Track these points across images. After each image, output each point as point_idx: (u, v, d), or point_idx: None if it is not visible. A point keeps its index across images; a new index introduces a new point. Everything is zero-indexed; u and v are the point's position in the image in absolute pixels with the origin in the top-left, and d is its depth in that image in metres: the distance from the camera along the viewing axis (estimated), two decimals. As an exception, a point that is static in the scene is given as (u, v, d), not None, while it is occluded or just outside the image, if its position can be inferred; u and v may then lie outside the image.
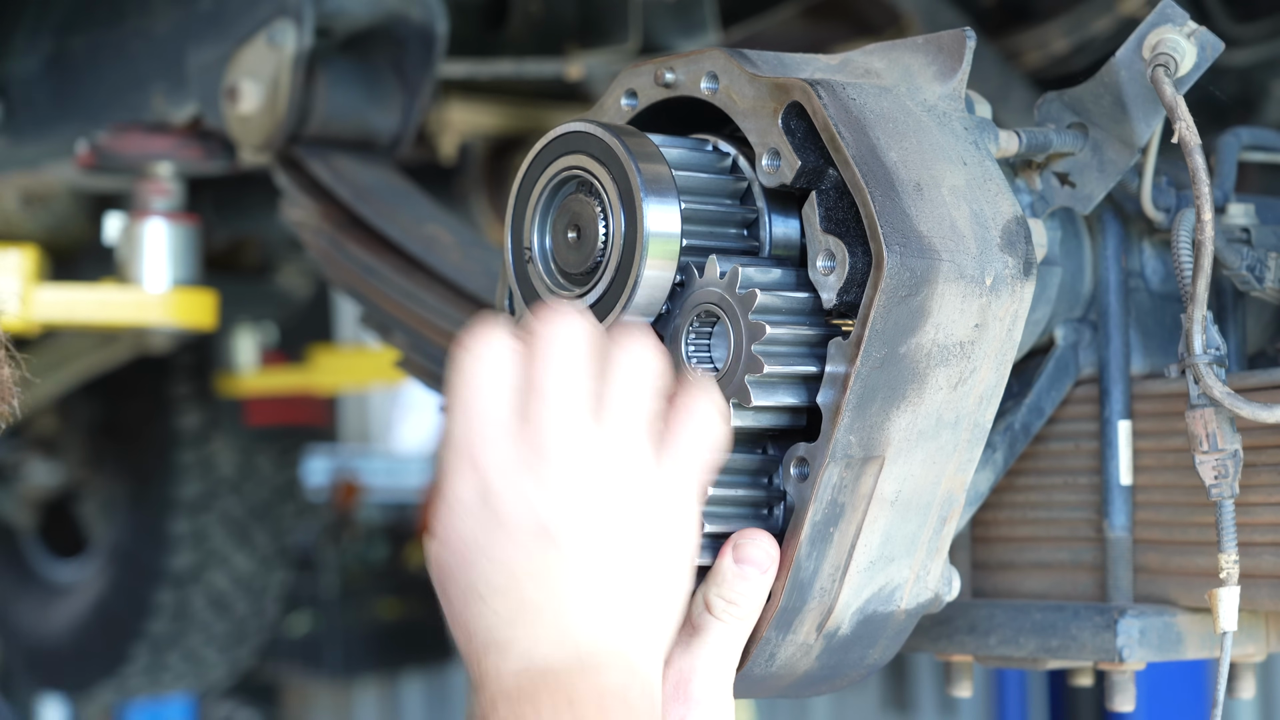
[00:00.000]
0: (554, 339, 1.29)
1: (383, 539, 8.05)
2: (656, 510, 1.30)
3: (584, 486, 1.27)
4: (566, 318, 1.30)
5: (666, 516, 1.31)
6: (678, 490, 1.31)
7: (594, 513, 1.27)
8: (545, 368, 1.28)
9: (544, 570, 1.26)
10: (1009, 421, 1.69)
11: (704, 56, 1.48)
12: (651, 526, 1.30)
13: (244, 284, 4.58)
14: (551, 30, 3.03)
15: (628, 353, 1.30)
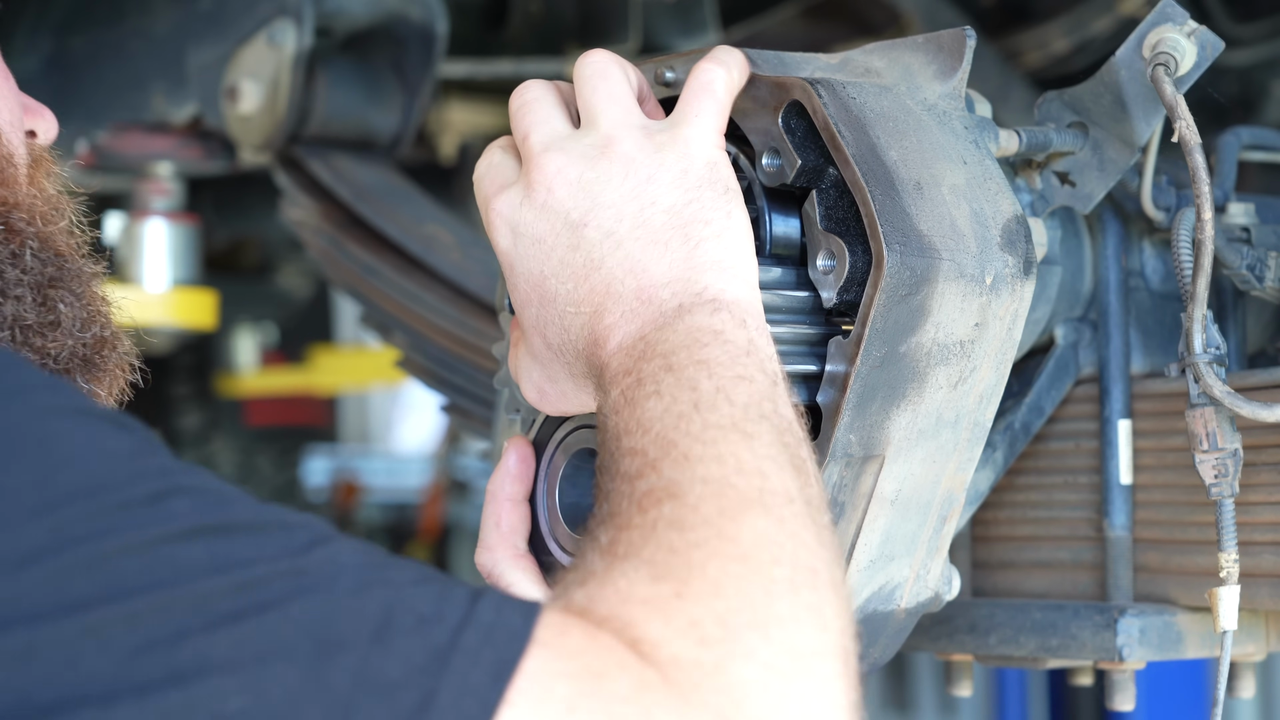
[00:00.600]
0: (517, 99, 1.37)
1: (383, 539, 8.04)
2: (671, 159, 1.32)
3: (584, 173, 1.32)
4: (528, 83, 1.39)
5: (684, 160, 1.33)
6: (690, 136, 1.34)
7: (605, 186, 1.31)
8: (518, 120, 1.36)
9: (596, 255, 1.30)
10: (1009, 420, 1.69)
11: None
12: (672, 174, 1.32)
13: (244, 284, 4.58)
14: (551, 30, 3.03)
15: (583, 63, 1.37)
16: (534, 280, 1.33)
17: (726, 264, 1.31)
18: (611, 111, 1.35)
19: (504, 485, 1.46)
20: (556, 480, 1.47)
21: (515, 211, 1.33)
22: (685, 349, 1.25)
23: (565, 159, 1.32)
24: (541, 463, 1.47)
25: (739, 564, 1.12)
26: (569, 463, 1.47)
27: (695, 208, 1.32)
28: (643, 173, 1.32)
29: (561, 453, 1.47)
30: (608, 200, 1.31)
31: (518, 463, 1.46)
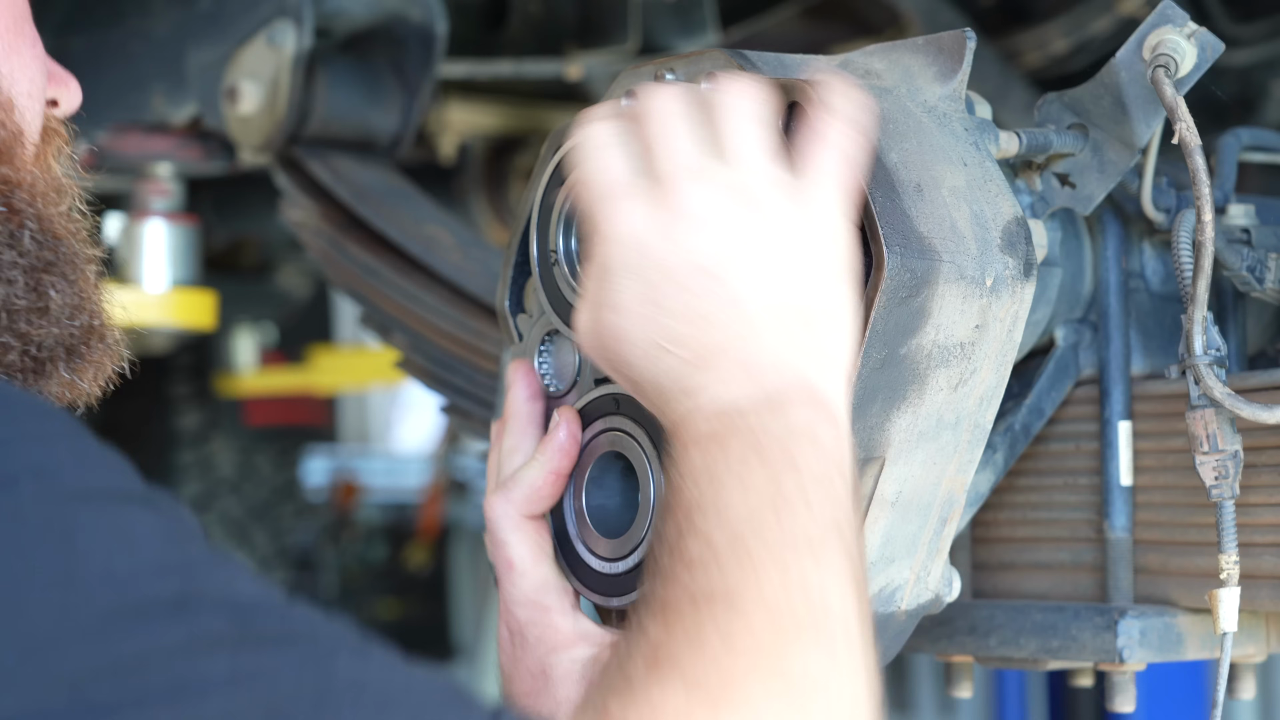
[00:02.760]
0: (653, 103, 1.30)
1: (382, 539, 8.05)
2: (808, 231, 1.28)
3: (729, 221, 1.26)
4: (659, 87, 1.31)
5: (819, 236, 1.29)
6: (825, 208, 1.29)
7: (747, 243, 1.26)
8: (655, 127, 1.29)
9: (718, 309, 1.25)
10: (1009, 422, 1.69)
11: (704, 57, 1.48)
12: (807, 248, 1.27)
13: (244, 284, 4.58)
14: (551, 31, 3.02)
15: (728, 92, 1.30)
16: (640, 297, 1.27)
17: (835, 359, 1.28)
18: (759, 157, 1.29)
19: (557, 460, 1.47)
20: (583, 483, 1.48)
21: (642, 227, 1.26)
22: (778, 441, 1.21)
23: (712, 196, 1.26)
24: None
25: (782, 697, 1.10)
26: (595, 465, 1.48)
27: (824, 294, 1.27)
28: (784, 240, 1.26)
29: (588, 455, 1.48)
30: (744, 258, 1.26)
31: (570, 438, 1.47)
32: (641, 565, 1.44)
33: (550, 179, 1.51)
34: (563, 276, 1.50)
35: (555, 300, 1.51)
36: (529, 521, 1.47)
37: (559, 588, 1.47)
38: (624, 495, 1.49)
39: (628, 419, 1.46)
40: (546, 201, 1.52)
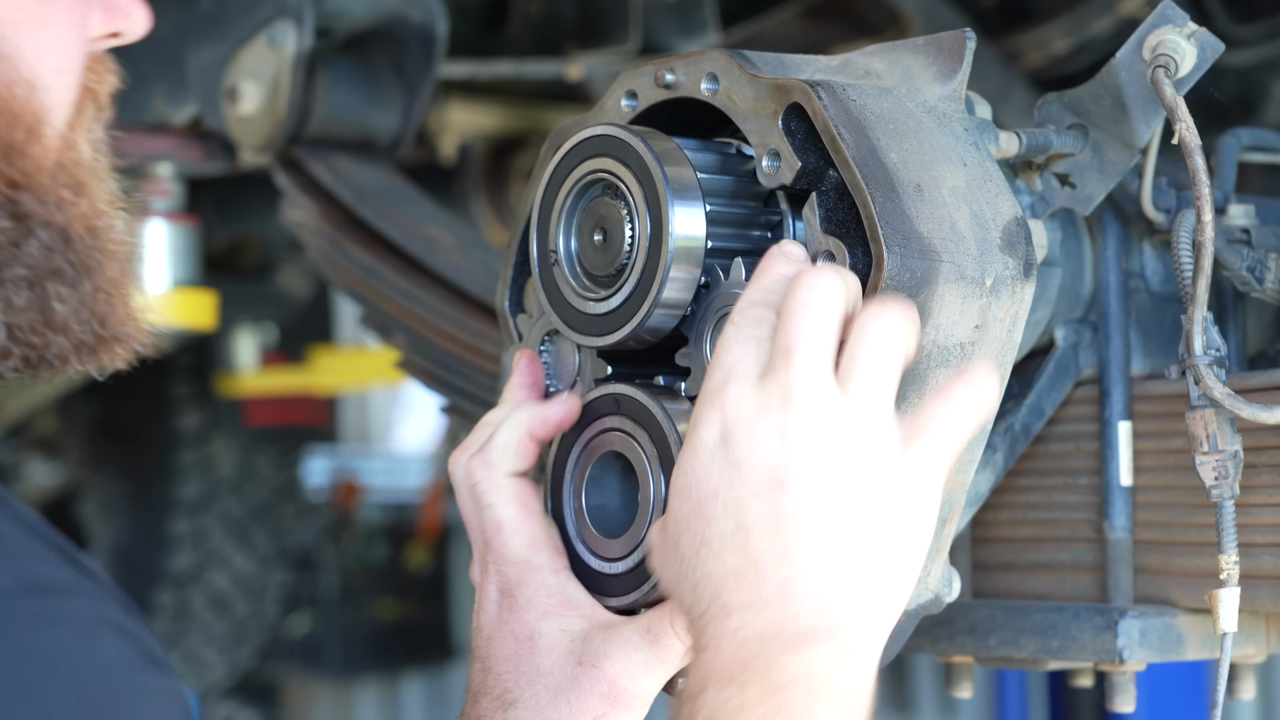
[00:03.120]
0: (809, 298, 1.26)
1: (383, 539, 8.05)
2: (894, 487, 1.25)
3: (822, 443, 1.23)
4: (824, 277, 1.27)
5: (905, 497, 1.25)
6: (922, 474, 1.26)
7: (830, 470, 1.23)
8: (797, 327, 1.26)
9: (774, 520, 1.22)
10: (1009, 422, 1.69)
11: (704, 57, 1.48)
12: (887, 502, 1.24)
13: (244, 284, 4.58)
14: (551, 31, 3.03)
15: (883, 322, 1.27)
16: (707, 491, 1.25)
17: (878, 611, 1.24)
18: (879, 401, 1.25)
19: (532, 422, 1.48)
20: (583, 483, 1.48)
21: (739, 424, 1.24)
22: (800, 693, 1.19)
23: (815, 417, 1.23)
24: (567, 466, 1.49)
25: None
26: (595, 465, 1.48)
27: (890, 546, 1.24)
28: (867, 483, 1.23)
29: (587, 455, 1.48)
30: (819, 486, 1.22)
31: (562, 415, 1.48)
32: (641, 565, 1.44)
33: (550, 179, 1.51)
34: (562, 276, 1.50)
35: (555, 300, 1.51)
36: (512, 480, 1.46)
37: (551, 546, 1.46)
38: (624, 495, 1.49)
39: (628, 419, 1.46)
40: (546, 201, 1.52)
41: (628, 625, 1.42)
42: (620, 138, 1.45)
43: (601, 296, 1.47)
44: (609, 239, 1.46)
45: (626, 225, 1.44)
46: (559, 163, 1.51)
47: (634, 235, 1.44)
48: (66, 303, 1.23)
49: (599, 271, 1.48)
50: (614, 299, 1.46)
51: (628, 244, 1.44)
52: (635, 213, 1.44)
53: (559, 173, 1.50)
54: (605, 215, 1.47)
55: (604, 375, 1.52)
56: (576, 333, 1.49)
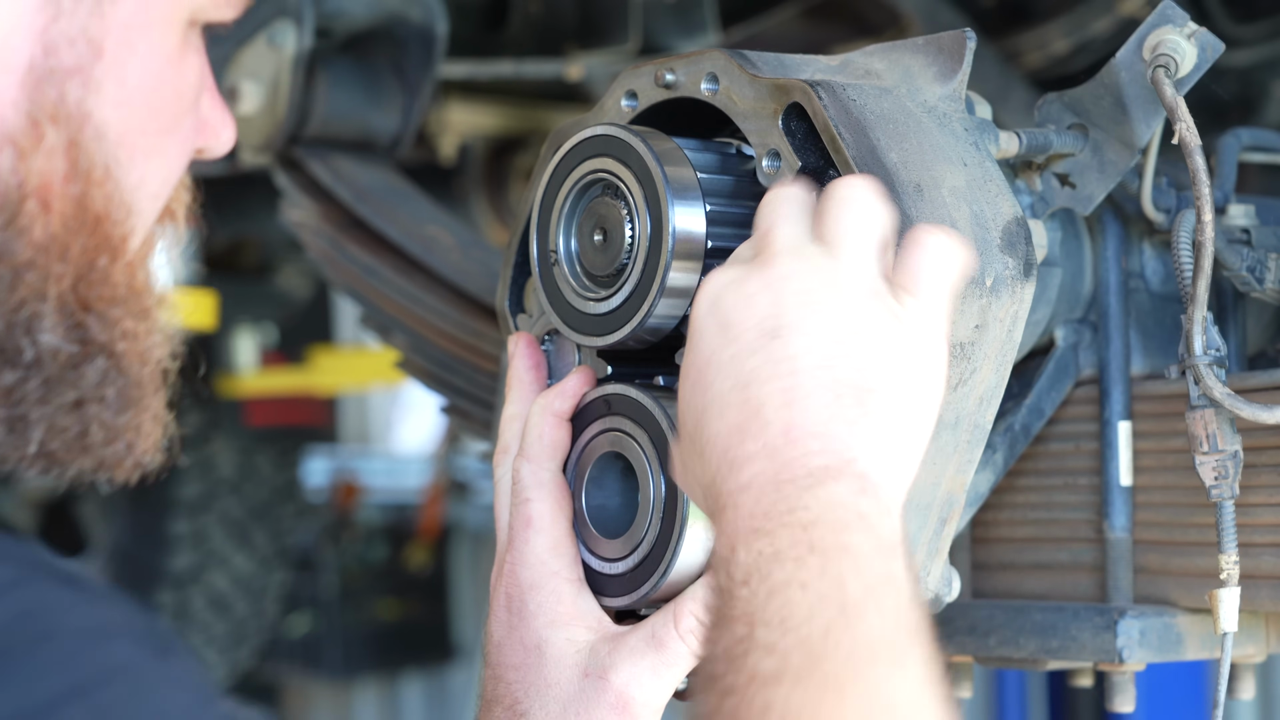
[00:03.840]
0: (778, 196, 1.28)
1: (382, 539, 8.05)
2: (892, 327, 1.23)
3: (812, 290, 1.22)
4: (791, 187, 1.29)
5: (905, 336, 1.23)
6: (922, 317, 1.25)
7: (823, 313, 1.22)
8: (771, 212, 1.27)
9: (771, 368, 1.20)
10: (1009, 422, 1.69)
11: (704, 57, 1.48)
12: (886, 340, 1.23)
13: (244, 284, 4.58)
14: (551, 31, 3.03)
15: (849, 190, 1.27)
16: (701, 362, 1.24)
17: (889, 446, 1.21)
18: (861, 254, 1.24)
19: (554, 402, 1.48)
20: (583, 483, 1.48)
21: (725, 288, 1.24)
22: (829, 526, 1.15)
23: (798, 267, 1.23)
24: (567, 466, 1.49)
25: None
26: (595, 465, 1.48)
27: (893, 384, 1.22)
28: (861, 325, 1.22)
29: (587, 455, 1.48)
30: (812, 328, 1.21)
31: (577, 386, 1.48)
32: (641, 565, 1.44)
33: (550, 179, 1.51)
34: (562, 276, 1.50)
35: (555, 300, 1.51)
36: (556, 478, 1.47)
37: (570, 554, 1.46)
38: (624, 495, 1.49)
39: (627, 419, 1.46)
40: (546, 201, 1.52)
41: (632, 633, 1.42)
42: (620, 138, 1.45)
43: (601, 296, 1.47)
44: (609, 239, 1.46)
45: (626, 225, 1.45)
46: (559, 163, 1.51)
47: (634, 235, 1.44)
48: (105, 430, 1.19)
49: (599, 271, 1.48)
50: (614, 299, 1.46)
51: (628, 244, 1.44)
52: (635, 213, 1.44)
53: (559, 173, 1.51)
54: (605, 215, 1.47)
55: (604, 375, 1.52)
56: (576, 333, 1.49)
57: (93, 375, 1.16)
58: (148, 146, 1.18)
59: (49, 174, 1.11)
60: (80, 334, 1.14)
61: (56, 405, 1.14)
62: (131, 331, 1.18)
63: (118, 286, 1.17)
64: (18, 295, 1.10)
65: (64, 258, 1.12)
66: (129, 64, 1.14)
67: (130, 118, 1.15)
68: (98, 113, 1.13)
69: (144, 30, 1.14)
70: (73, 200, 1.12)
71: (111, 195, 1.15)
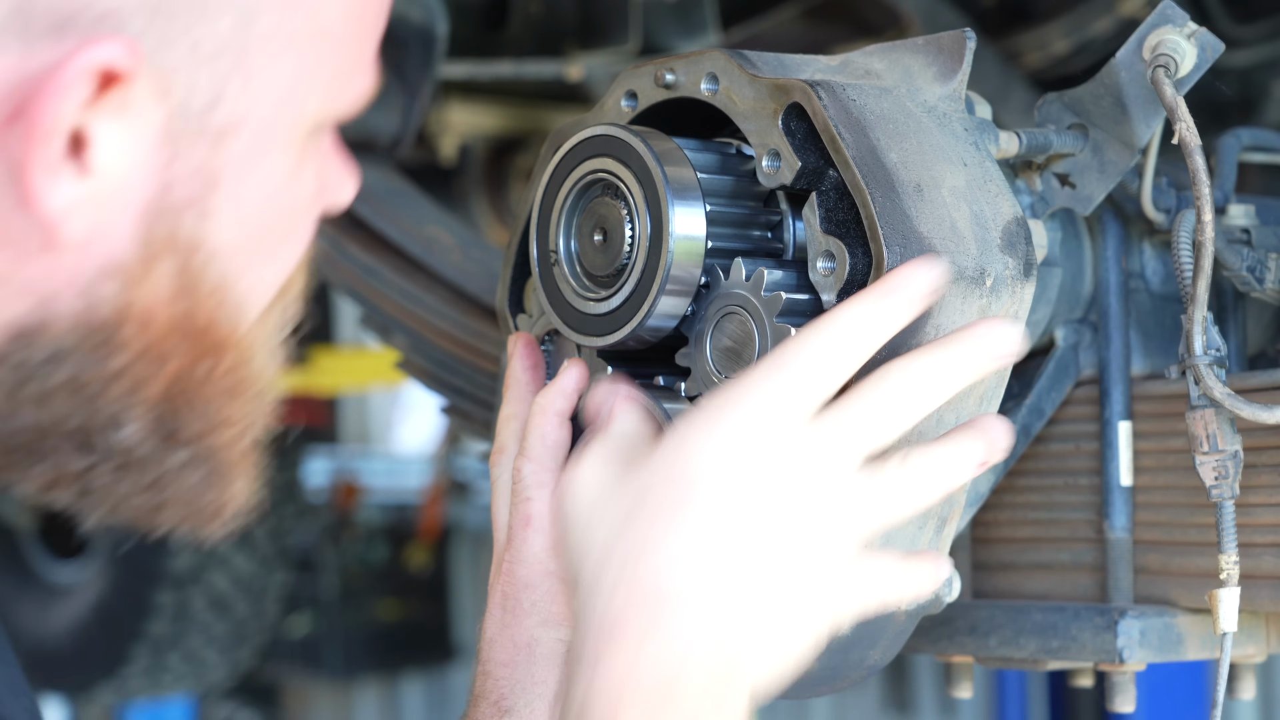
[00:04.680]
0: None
1: (383, 540, 8.06)
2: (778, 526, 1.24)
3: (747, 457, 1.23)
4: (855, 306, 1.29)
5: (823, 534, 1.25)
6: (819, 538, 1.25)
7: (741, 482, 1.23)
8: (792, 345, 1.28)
9: (648, 574, 1.23)
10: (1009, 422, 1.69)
11: (704, 57, 1.48)
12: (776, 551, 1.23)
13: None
14: (551, 31, 3.03)
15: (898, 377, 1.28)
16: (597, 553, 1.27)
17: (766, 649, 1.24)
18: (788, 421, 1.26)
19: (555, 400, 1.48)
20: None
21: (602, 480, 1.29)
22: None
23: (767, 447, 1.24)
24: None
25: None
26: None
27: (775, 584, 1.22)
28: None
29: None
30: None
31: (574, 382, 1.48)
32: None
33: (550, 179, 1.51)
34: (562, 276, 1.50)
35: (555, 300, 1.51)
36: (554, 479, 1.47)
37: None
38: None
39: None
40: (546, 201, 1.52)
41: None
42: (620, 138, 1.45)
43: (601, 296, 1.47)
44: (609, 239, 1.46)
45: (626, 225, 1.45)
46: (559, 163, 1.51)
47: (634, 235, 1.44)
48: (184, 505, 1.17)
49: (599, 271, 1.48)
50: (614, 299, 1.46)
51: (628, 244, 1.44)
52: (635, 213, 1.44)
53: (559, 173, 1.51)
54: (605, 215, 1.47)
55: (604, 375, 1.52)
56: (576, 333, 1.49)
57: (175, 462, 1.13)
58: (263, 257, 1.16)
59: (155, 298, 1.09)
60: (168, 429, 1.12)
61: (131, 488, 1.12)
62: (230, 420, 1.16)
63: (219, 383, 1.14)
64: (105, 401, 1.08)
65: (161, 366, 1.10)
66: (244, 191, 1.11)
67: (246, 237, 1.13)
68: (212, 238, 1.11)
69: (261, 157, 1.12)
70: (177, 317, 1.10)
71: (220, 306, 1.13)
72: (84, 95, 1.02)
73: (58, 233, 1.04)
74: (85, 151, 1.03)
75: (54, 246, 1.04)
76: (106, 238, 1.06)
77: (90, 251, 1.06)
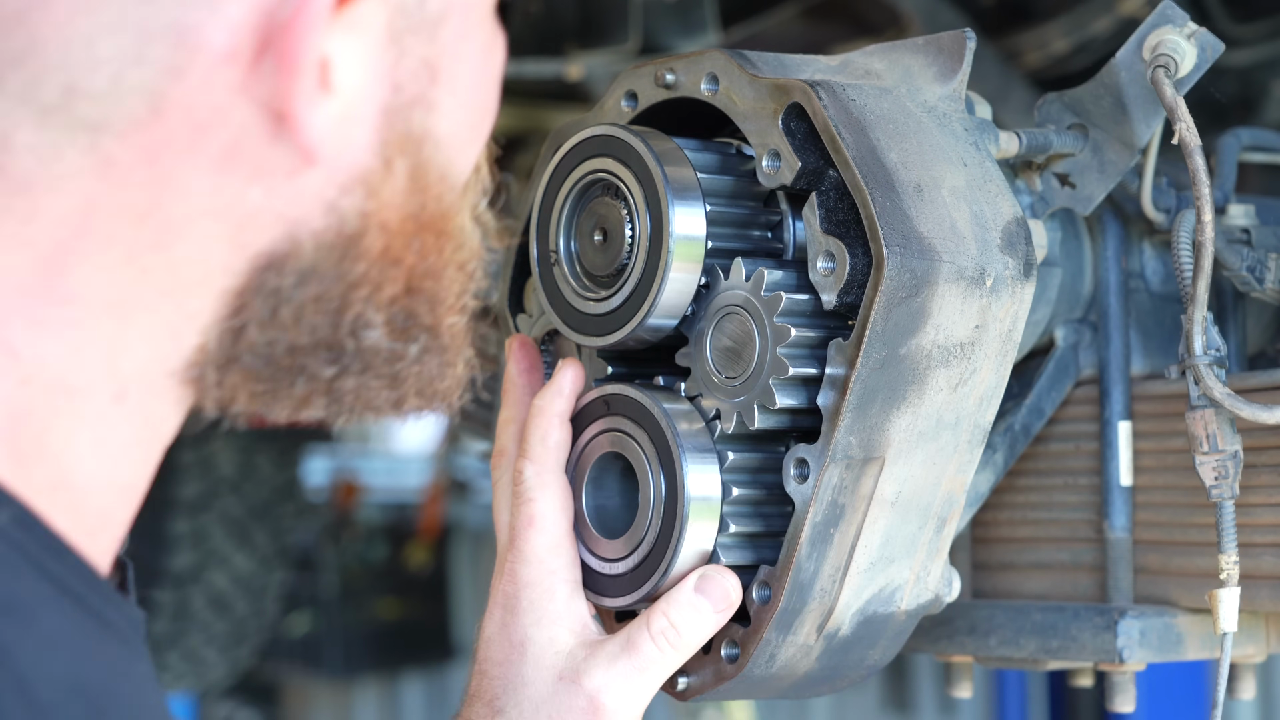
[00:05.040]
0: None
1: (382, 539, 8.05)
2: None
3: None
4: None
5: None
6: None
7: None
8: None
9: None
10: (1009, 422, 1.69)
11: (704, 57, 1.48)
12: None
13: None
14: (551, 31, 3.03)
15: None
16: None
17: None
18: None
19: (553, 402, 1.48)
20: (583, 484, 1.49)
21: None
22: None
23: None
24: (567, 467, 1.49)
25: None
26: (594, 466, 1.48)
27: None
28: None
29: (587, 456, 1.49)
30: None
31: (571, 382, 1.49)
32: (642, 565, 1.44)
33: (550, 179, 1.51)
34: (562, 276, 1.50)
35: (555, 300, 1.51)
36: (559, 479, 1.48)
37: (569, 555, 1.47)
38: (623, 495, 1.49)
39: (626, 419, 1.46)
40: (546, 201, 1.52)
41: (610, 640, 1.44)
42: (620, 138, 1.45)
43: (601, 296, 1.47)
44: (609, 239, 1.46)
45: (626, 225, 1.45)
46: (559, 163, 1.51)
47: (634, 235, 1.44)
48: (420, 394, 1.18)
49: (599, 271, 1.48)
50: (614, 299, 1.46)
51: (628, 244, 1.44)
52: (635, 213, 1.44)
53: (559, 173, 1.51)
54: (605, 215, 1.47)
55: (604, 375, 1.52)
56: (576, 333, 1.49)
57: (414, 352, 1.15)
58: (476, 136, 1.19)
59: (394, 199, 1.11)
60: (406, 323, 1.14)
61: (376, 386, 1.14)
62: (455, 303, 1.18)
63: (445, 268, 1.16)
64: (351, 308, 1.10)
65: (399, 264, 1.12)
66: (459, 75, 1.13)
67: (462, 120, 1.15)
68: (436, 129, 1.12)
69: (467, 38, 1.14)
70: (411, 214, 1.12)
71: (445, 195, 1.15)
72: (327, 21, 1.03)
73: (316, 157, 1.05)
74: (329, 73, 1.05)
75: (308, 171, 1.06)
76: (351, 151, 1.08)
77: (337, 168, 1.07)
